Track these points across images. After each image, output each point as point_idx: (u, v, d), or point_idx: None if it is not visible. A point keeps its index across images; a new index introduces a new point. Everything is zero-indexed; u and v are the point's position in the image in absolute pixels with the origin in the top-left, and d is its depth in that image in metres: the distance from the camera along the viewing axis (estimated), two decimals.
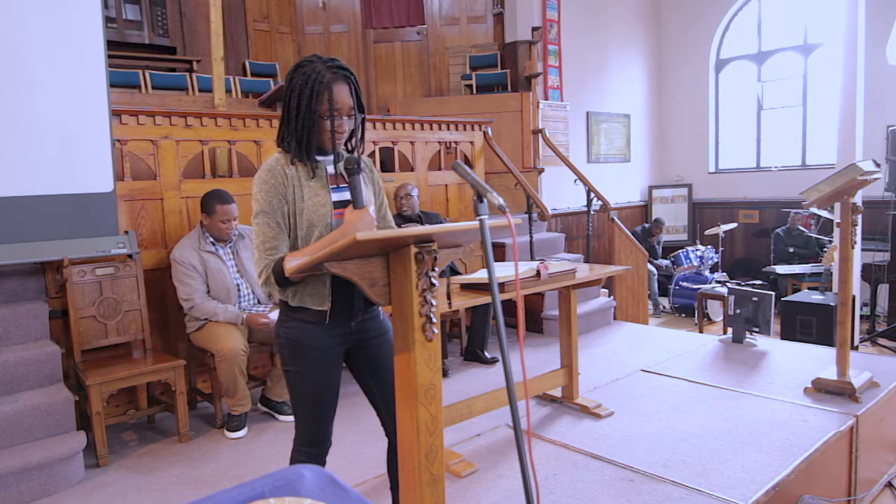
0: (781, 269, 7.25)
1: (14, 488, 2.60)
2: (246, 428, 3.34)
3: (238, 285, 3.49)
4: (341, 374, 1.94)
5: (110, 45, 3.72)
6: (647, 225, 8.30)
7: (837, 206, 3.57)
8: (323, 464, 1.94)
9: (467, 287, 2.91)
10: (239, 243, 3.53)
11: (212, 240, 3.43)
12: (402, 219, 4.31)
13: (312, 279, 1.78)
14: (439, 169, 5.26)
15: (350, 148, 1.90)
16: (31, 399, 2.81)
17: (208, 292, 3.41)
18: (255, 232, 1.78)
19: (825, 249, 6.24)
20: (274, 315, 3.26)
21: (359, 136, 1.89)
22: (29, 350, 2.97)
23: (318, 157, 1.84)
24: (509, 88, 7.12)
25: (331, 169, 1.87)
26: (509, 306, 4.65)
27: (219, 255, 3.43)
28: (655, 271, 7.81)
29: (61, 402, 2.84)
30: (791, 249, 7.53)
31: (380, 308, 1.96)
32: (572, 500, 2.51)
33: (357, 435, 3.15)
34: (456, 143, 5.33)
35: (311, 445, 1.92)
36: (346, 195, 1.85)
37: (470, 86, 7.26)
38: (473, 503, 2.53)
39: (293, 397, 1.90)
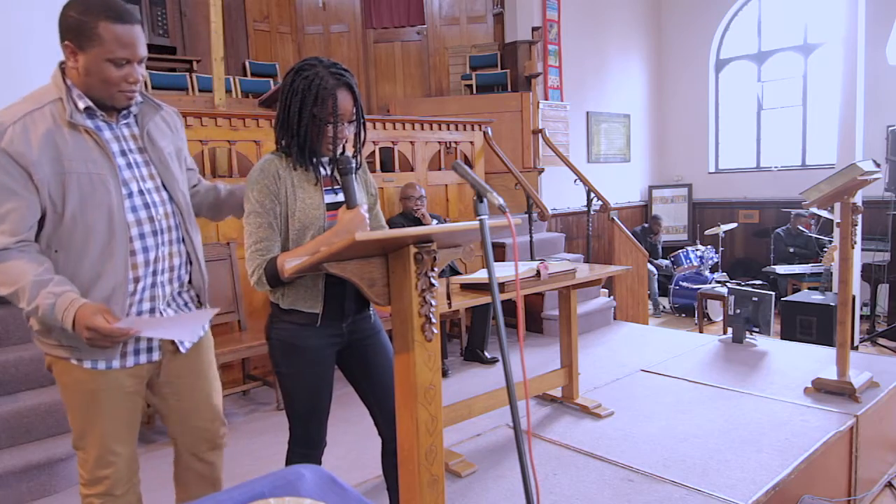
0: (781, 269, 7.25)
1: (14, 488, 2.60)
2: None
3: (143, 217, 1.65)
4: (334, 375, 1.94)
5: None
6: (646, 225, 8.30)
7: (837, 206, 3.57)
8: (318, 464, 1.95)
9: (467, 287, 2.91)
10: (150, 121, 1.72)
11: (87, 102, 1.58)
12: (409, 221, 4.29)
13: (305, 281, 1.78)
14: (439, 169, 5.26)
15: (353, 153, 1.89)
16: (31, 399, 2.82)
17: (40, 231, 1.57)
18: (247, 232, 1.77)
19: (825, 249, 6.24)
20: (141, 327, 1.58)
21: (361, 141, 1.87)
22: (29, 350, 2.97)
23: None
24: (509, 88, 7.13)
25: (324, 171, 1.87)
26: (509, 306, 4.65)
27: (98, 142, 1.58)
28: (655, 271, 7.81)
29: (61, 402, 2.83)
30: (791, 249, 7.53)
31: (372, 309, 1.97)
32: (572, 500, 2.51)
33: (357, 435, 3.14)
34: (456, 143, 5.33)
35: (306, 447, 1.93)
36: (340, 197, 1.85)
37: (470, 86, 7.26)
38: (473, 503, 2.53)
39: (286, 399, 1.91)
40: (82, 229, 1.56)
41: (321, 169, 1.84)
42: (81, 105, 1.57)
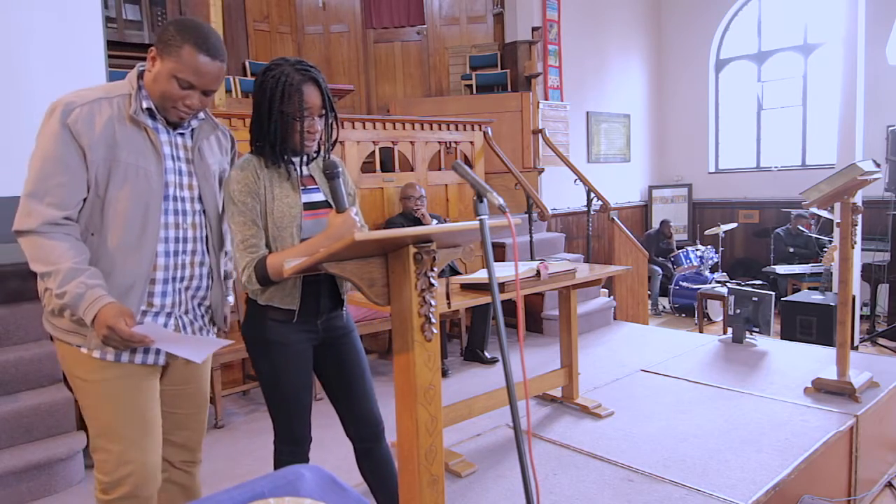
0: (781, 269, 7.25)
1: (14, 488, 2.60)
2: None
3: (171, 221, 1.71)
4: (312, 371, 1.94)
5: (110, 45, 3.72)
6: (657, 227, 8.27)
7: (837, 206, 3.56)
8: (306, 461, 1.96)
9: (467, 287, 2.91)
10: (204, 138, 1.82)
11: (150, 104, 1.68)
12: (409, 221, 4.29)
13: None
14: (439, 169, 5.26)
15: (326, 149, 1.90)
16: (31, 399, 2.81)
17: (81, 212, 1.63)
18: (233, 231, 1.78)
19: (825, 249, 6.24)
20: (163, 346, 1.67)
21: (332, 136, 1.88)
22: (29, 350, 2.96)
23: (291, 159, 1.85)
24: (509, 88, 7.12)
25: (302, 170, 1.88)
26: (509, 306, 4.65)
27: (153, 141, 1.67)
28: (660, 271, 7.81)
29: (61, 402, 2.84)
30: (791, 249, 7.53)
31: (345, 308, 1.97)
32: (572, 500, 2.51)
33: None
34: (456, 143, 5.33)
35: (293, 444, 1.93)
36: (316, 196, 1.87)
37: (470, 86, 7.25)
38: (473, 503, 2.53)
39: (269, 397, 1.91)
40: (118, 216, 1.63)
41: (296, 168, 1.85)
42: (145, 105, 1.67)
